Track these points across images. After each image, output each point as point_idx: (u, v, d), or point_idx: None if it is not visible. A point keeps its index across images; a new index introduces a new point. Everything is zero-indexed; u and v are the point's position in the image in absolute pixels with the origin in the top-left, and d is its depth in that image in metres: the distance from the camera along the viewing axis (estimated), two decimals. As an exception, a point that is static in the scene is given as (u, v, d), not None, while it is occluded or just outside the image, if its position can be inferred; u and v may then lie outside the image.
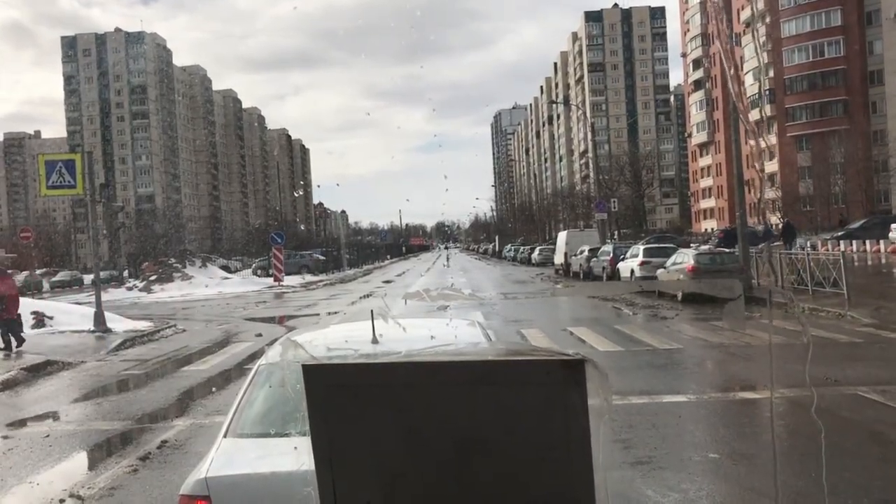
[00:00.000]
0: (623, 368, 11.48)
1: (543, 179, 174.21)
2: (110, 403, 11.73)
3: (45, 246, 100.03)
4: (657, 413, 8.82)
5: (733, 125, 23.42)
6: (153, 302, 36.78)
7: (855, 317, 15.69)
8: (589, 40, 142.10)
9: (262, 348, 14.38)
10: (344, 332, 4.77)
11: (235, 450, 3.75)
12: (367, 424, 1.50)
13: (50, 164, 21.62)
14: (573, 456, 1.40)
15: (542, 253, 57.71)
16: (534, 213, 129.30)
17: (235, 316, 25.86)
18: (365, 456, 1.51)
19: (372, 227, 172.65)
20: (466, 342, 4.13)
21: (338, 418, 1.50)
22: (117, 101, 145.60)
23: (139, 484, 7.16)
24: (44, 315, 22.04)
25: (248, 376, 4.35)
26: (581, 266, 37.75)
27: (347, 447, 1.51)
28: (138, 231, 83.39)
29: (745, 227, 23.40)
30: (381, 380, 1.51)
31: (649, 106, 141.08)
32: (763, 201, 39.61)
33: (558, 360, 1.42)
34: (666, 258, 26.74)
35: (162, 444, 8.49)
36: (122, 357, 16.84)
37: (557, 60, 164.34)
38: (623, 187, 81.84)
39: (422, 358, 1.61)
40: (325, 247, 69.75)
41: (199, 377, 13.29)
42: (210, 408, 10.58)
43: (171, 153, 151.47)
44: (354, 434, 1.50)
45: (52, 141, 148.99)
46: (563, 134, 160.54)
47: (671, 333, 15.57)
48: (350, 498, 1.52)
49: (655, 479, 6.47)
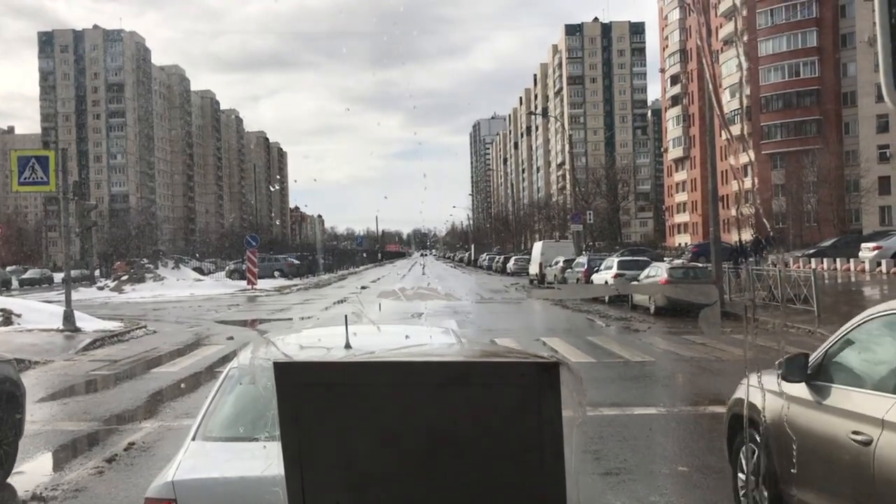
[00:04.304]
0: (595, 380, 11.51)
1: (521, 190, 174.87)
2: (77, 404, 11.57)
3: (15, 242, 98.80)
4: (628, 425, 8.84)
5: (709, 141, 23.65)
6: (124, 302, 36.37)
7: (824, 333, 15.86)
8: (569, 53, 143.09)
9: (233, 351, 14.27)
10: (317, 335, 4.74)
11: (204, 453, 3.71)
12: (338, 424, 1.48)
13: (22, 161, 21.33)
14: (546, 458, 1.39)
15: (517, 263, 57.90)
16: (510, 222, 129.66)
17: (207, 318, 25.64)
18: (336, 456, 1.49)
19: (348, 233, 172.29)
20: (441, 343, 4.11)
21: (309, 418, 1.48)
22: (94, 98, 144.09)
23: (105, 486, 7.06)
24: (11, 312, 21.68)
25: (218, 379, 4.31)
26: (556, 277, 37.97)
27: (318, 447, 1.49)
28: (111, 230, 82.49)
29: (718, 243, 23.65)
30: (354, 379, 1.50)
31: (627, 120, 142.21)
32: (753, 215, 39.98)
33: (533, 362, 1.41)
34: (640, 271, 26.99)
35: (129, 445, 8.38)
36: (90, 357, 16.62)
37: (537, 72, 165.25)
38: (599, 200, 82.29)
39: (396, 357, 1.60)
40: (301, 251, 69.42)
41: (168, 379, 13.15)
42: (179, 410, 10.46)
43: (147, 152, 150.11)
44: (325, 434, 1.48)
45: (24, 137, 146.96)
46: (541, 145, 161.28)
47: (643, 346, 15.66)
48: (319, 499, 1.50)
49: (625, 490, 6.49)
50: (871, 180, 66.86)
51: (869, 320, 4.46)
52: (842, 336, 4.62)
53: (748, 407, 4.90)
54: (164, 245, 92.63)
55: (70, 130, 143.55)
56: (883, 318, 4.38)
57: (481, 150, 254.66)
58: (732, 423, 5.55)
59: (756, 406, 4.75)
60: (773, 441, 4.81)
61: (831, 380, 4.44)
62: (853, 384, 4.31)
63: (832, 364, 4.53)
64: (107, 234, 79.80)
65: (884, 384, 4.02)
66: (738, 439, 5.42)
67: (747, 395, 4.57)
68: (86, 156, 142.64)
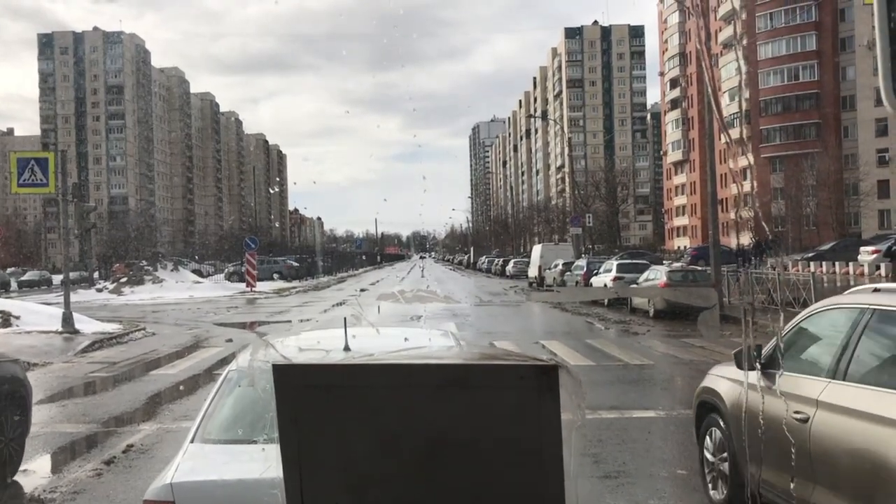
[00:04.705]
0: (594, 383, 11.50)
1: (520, 192, 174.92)
2: (76, 406, 11.56)
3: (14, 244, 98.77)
4: (626, 428, 8.84)
5: (708, 145, 23.66)
6: (123, 304, 36.34)
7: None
8: (568, 56, 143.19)
9: (232, 353, 14.25)
10: (316, 338, 4.74)
11: (202, 455, 3.70)
12: (337, 426, 1.48)
13: (22, 162, 21.34)
14: (545, 461, 1.39)
15: (516, 266, 57.92)
16: (509, 225, 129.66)
17: (206, 321, 25.62)
18: (334, 458, 1.49)
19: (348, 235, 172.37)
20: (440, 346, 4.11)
21: (308, 420, 1.48)
22: (93, 100, 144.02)
23: (103, 488, 7.05)
24: (10, 314, 21.65)
25: (217, 381, 4.30)
26: (555, 280, 37.97)
27: (317, 449, 1.49)
28: (110, 232, 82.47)
29: (717, 246, 23.65)
30: (353, 381, 1.49)
31: (626, 123, 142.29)
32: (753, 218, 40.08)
33: (532, 365, 1.41)
34: (639, 274, 26.99)
35: (128, 448, 8.37)
36: (89, 359, 16.60)
37: (537, 75, 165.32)
38: (598, 203, 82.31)
39: (396, 360, 1.60)
40: (300, 253, 69.35)
41: (167, 381, 13.14)
42: (178, 412, 10.46)
43: (146, 154, 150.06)
44: (325, 436, 1.48)
45: (24, 138, 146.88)
46: (540, 148, 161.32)
47: (642, 349, 15.66)
48: (318, 501, 1.50)
49: (624, 494, 6.49)
50: (870, 184, 66.92)
51: (814, 314, 5.24)
52: (791, 328, 5.37)
53: (710, 393, 5.95)
54: (163, 247, 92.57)
55: (70, 132, 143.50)
56: (824, 312, 5.15)
57: (481, 152, 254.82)
58: (699, 409, 6.27)
59: (717, 392, 5.80)
60: (732, 423, 5.51)
61: (779, 367, 5.02)
62: (796, 370, 4.89)
63: (781, 353, 5.15)
64: (106, 236, 79.79)
65: (820, 369, 4.69)
66: (704, 422, 6.14)
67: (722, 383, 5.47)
68: (85, 158, 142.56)
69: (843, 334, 4.63)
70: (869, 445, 3.97)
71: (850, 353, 4.48)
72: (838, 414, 4.20)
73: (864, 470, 3.98)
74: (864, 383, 4.29)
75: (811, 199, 67.36)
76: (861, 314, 4.58)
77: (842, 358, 4.51)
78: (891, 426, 3.88)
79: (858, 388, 4.28)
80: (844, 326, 4.68)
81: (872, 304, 4.56)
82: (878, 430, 3.95)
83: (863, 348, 4.46)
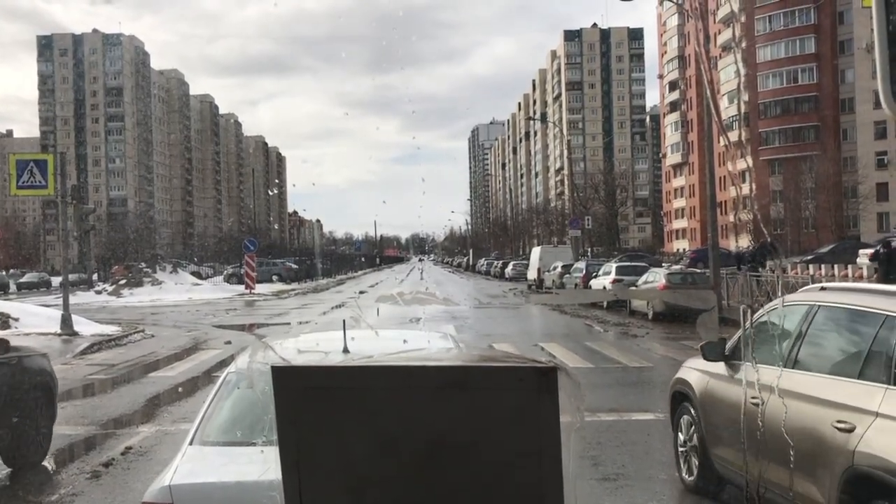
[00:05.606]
0: (593, 385, 11.50)
1: (519, 195, 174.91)
2: (74, 408, 11.54)
3: (13, 246, 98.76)
4: (626, 430, 8.85)
5: (708, 147, 23.68)
6: (122, 306, 36.31)
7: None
8: (567, 59, 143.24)
9: (230, 356, 14.25)
10: (315, 340, 4.74)
11: (201, 457, 3.70)
12: (336, 428, 1.47)
13: (21, 164, 21.34)
14: (544, 463, 1.39)
15: (515, 268, 57.93)
16: (508, 227, 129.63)
17: (205, 323, 25.60)
18: (334, 460, 1.48)
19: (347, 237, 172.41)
20: (439, 348, 4.11)
21: (307, 422, 1.48)
22: (92, 102, 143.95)
23: (101, 490, 7.04)
24: (9, 316, 21.65)
25: (215, 384, 4.30)
26: (554, 282, 37.97)
27: (316, 451, 1.49)
28: (109, 234, 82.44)
29: (716, 249, 23.66)
30: (352, 383, 1.49)
31: (625, 126, 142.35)
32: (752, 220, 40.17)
33: (531, 366, 1.41)
34: (638, 276, 27.00)
35: (126, 450, 8.36)
36: (88, 361, 16.59)
37: (536, 77, 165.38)
38: (597, 205, 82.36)
39: (394, 362, 1.60)
40: (299, 255, 69.31)
41: (166, 383, 13.13)
42: (176, 414, 10.45)
43: (146, 156, 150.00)
44: (323, 438, 1.48)
45: (23, 140, 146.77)
46: (539, 150, 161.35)
47: (642, 351, 15.66)
48: (317, 503, 1.49)
49: (623, 496, 6.49)
50: (868, 186, 66.99)
51: (773, 310, 5.75)
52: (754, 322, 5.82)
53: (682, 383, 6.56)
54: (162, 249, 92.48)
55: (69, 134, 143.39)
56: (781, 309, 5.61)
57: (480, 154, 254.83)
58: (673, 398, 6.81)
59: (688, 382, 6.41)
60: (700, 409, 6.10)
61: (741, 358, 5.47)
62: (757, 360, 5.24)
63: (743, 346, 5.53)
64: (105, 238, 79.79)
65: (774, 359, 5.10)
66: (677, 410, 6.66)
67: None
68: (84, 160, 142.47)
69: (795, 328, 5.17)
70: (812, 424, 4.45)
71: (799, 344, 5.05)
72: (788, 398, 4.51)
73: (807, 447, 4.39)
74: (810, 370, 4.85)
75: (810, 201, 67.41)
76: (809, 310, 5.13)
77: (793, 349, 5.06)
78: (829, 406, 4.39)
79: (805, 375, 4.82)
80: (796, 321, 5.20)
81: (818, 301, 5.12)
82: (818, 411, 4.45)
83: (809, 340, 5.04)
